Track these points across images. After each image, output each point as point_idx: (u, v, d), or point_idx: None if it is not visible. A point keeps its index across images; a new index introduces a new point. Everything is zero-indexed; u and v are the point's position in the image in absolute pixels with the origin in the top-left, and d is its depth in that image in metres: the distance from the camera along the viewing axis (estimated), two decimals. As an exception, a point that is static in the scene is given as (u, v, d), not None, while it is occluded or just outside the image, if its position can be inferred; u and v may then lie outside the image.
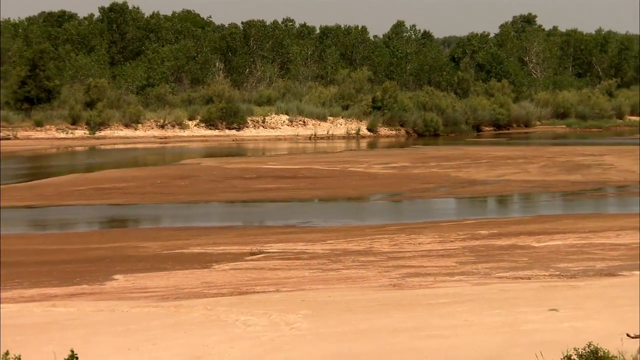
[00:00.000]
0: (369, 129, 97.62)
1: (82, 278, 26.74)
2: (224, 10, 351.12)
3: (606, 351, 11.77)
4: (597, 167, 60.79)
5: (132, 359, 17.34)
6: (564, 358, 11.82)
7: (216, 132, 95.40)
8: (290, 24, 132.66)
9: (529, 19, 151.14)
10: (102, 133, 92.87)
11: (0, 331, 18.34)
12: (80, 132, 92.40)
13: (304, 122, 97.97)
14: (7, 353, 9.17)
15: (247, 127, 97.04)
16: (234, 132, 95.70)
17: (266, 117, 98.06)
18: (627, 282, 24.78)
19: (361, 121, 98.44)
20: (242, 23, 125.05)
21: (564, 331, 18.29)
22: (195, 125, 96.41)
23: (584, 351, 11.73)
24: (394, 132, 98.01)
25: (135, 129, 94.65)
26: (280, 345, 18.19)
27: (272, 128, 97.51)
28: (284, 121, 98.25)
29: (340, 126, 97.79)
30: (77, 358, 9.26)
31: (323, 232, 35.41)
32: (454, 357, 14.77)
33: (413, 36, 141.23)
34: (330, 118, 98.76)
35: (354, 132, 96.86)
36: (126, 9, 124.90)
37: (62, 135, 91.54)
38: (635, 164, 62.40)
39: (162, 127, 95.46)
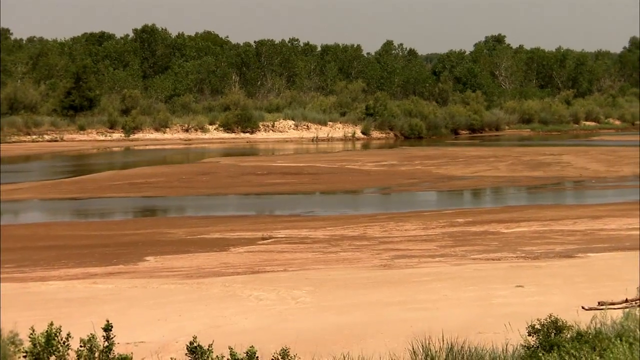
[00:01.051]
0: (363, 133, 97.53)
1: (118, 259, 26.76)
2: (239, 31, 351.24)
3: (564, 321, 11.75)
4: (557, 165, 60.76)
5: (161, 328, 17.33)
6: (528, 327, 11.79)
7: (233, 135, 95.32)
8: (296, 42, 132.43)
9: (499, 39, 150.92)
10: (136, 136, 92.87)
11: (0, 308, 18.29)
12: (117, 135, 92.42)
13: (308, 126, 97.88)
14: (51, 323, 9.14)
15: (259, 131, 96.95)
16: (247, 135, 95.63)
17: (275, 122, 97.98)
18: (582, 263, 24.77)
19: (356, 126, 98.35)
20: (255, 42, 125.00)
21: (528, 304, 18.27)
22: (214, 129, 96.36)
23: (545, 321, 11.71)
24: (384, 135, 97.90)
25: (164, 133, 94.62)
26: (287, 317, 18.18)
27: (280, 132, 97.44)
28: (290, 126, 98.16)
29: (338, 130, 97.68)
30: (112, 327, 9.23)
31: (324, 220, 35.42)
32: (436, 327, 14.75)
33: (400, 53, 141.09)
34: (330, 123, 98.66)
35: (350, 135, 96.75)
36: (156, 30, 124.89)
37: (102, 137, 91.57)
38: (589, 162, 62.36)
39: (187, 130, 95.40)
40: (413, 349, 12.22)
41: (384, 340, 15.38)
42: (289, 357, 9.35)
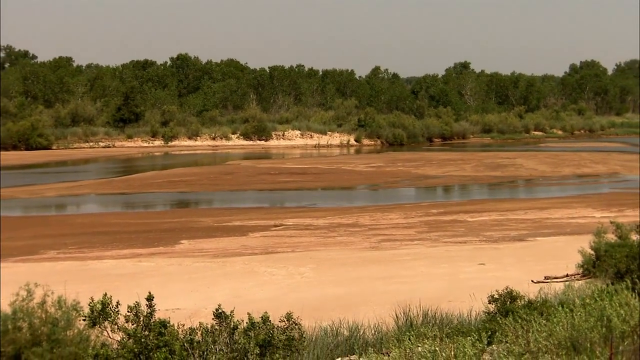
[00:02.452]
0: (355, 140, 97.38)
1: (159, 242, 26.77)
2: (256, 58, 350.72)
3: (518, 292, 11.75)
4: (511, 166, 60.72)
5: (194, 298, 17.35)
6: (489, 297, 11.79)
7: (250, 142, 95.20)
8: (301, 68, 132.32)
9: (465, 65, 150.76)
10: (173, 143, 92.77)
11: None
12: (157, 142, 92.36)
13: (311, 135, 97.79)
14: (105, 294, 9.15)
15: (272, 139, 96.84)
16: (263, 142, 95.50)
17: (285, 132, 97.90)
18: (532, 245, 24.78)
19: (350, 135, 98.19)
20: (269, 67, 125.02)
21: (489, 279, 18.28)
22: (236, 138, 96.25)
23: (502, 292, 11.71)
24: (372, 142, 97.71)
25: (195, 140, 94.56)
26: (294, 288, 18.20)
27: (289, 140, 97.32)
28: (297, 135, 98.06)
29: (336, 138, 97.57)
30: (153, 297, 9.25)
31: (324, 211, 35.43)
32: (415, 297, 14.77)
33: (386, 76, 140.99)
34: (329, 133, 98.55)
35: (345, 142, 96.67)
36: (189, 57, 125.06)
37: (145, 144, 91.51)
38: (537, 164, 62.29)
39: (214, 139, 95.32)
40: (396, 314, 12.23)
41: (373, 307, 15.39)
42: (293, 320, 9.43)
